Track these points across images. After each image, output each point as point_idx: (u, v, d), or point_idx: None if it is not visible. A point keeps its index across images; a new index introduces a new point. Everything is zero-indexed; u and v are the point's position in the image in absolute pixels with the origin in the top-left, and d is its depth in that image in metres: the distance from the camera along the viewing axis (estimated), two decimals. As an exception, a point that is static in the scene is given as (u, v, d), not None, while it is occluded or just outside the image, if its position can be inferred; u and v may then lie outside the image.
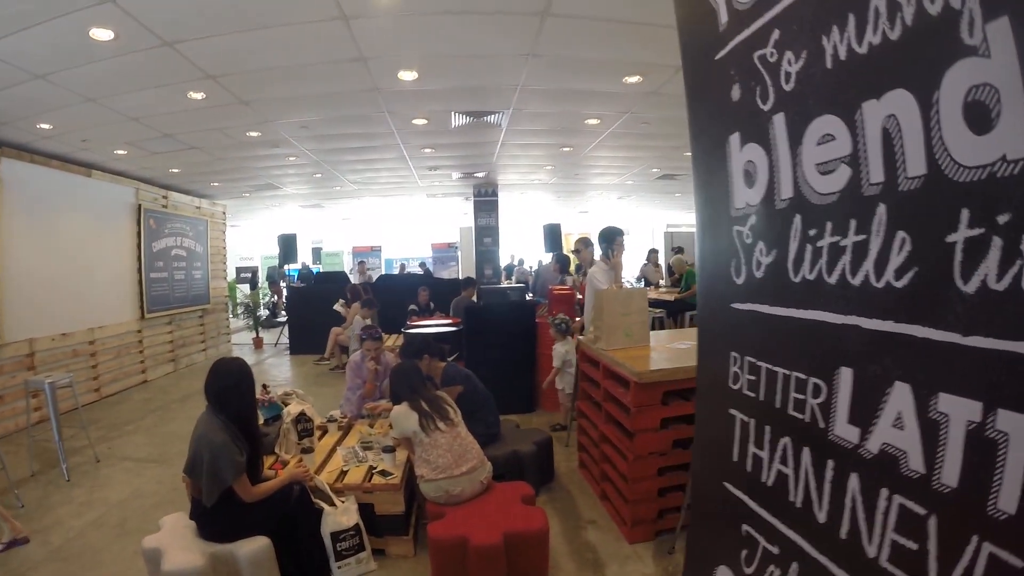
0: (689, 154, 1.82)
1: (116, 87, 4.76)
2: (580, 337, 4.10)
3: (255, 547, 2.59)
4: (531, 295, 7.66)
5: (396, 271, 17.58)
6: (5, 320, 5.78)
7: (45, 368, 6.29)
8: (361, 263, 15.80)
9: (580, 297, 6.05)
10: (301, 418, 3.65)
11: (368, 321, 7.49)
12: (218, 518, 2.61)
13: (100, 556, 3.39)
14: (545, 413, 5.81)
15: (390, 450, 3.38)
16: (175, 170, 8.27)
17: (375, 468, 3.31)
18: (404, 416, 3.06)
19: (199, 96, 5.11)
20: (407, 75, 4.90)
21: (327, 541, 2.81)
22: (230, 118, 5.92)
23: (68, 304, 6.84)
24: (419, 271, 16.47)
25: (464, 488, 2.90)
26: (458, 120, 6.41)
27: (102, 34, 3.69)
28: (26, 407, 5.19)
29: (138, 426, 6.14)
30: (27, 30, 3.58)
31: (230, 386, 2.73)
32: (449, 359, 4.27)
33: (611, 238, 4.72)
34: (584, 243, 5.91)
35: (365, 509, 3.01)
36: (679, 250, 13.02)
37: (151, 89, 4.84)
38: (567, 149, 8.02)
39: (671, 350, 3.59)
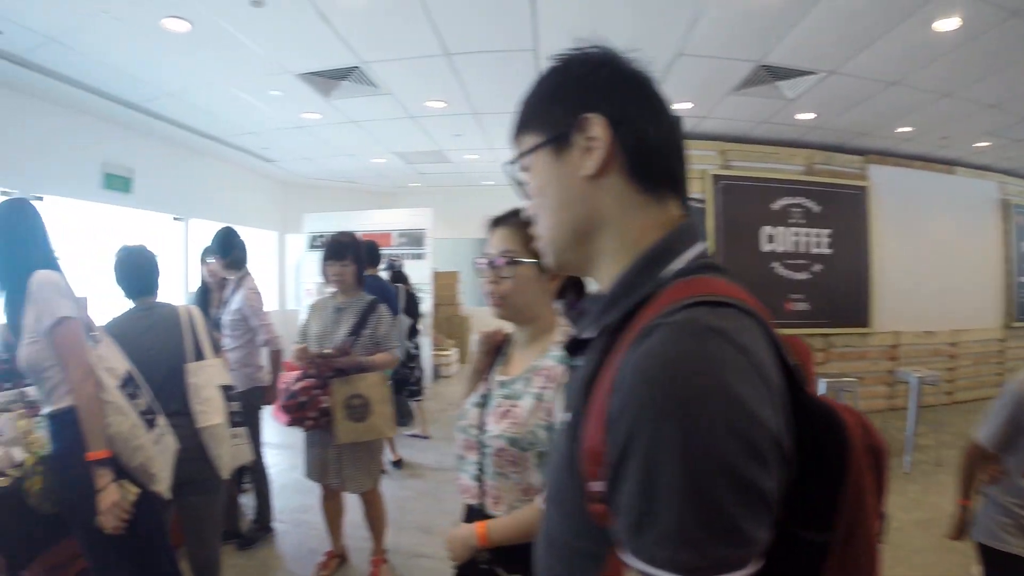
0: None
1: (969, 76, 4.60)
2: None
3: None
4: None
5: None
6: (875, 311, 6.67)
7: (905, 361, 6.76)
8: None
9: None
10: None
11: None
12: None
13: (913, 558, 3.45)
14: None
15: None
16: (1046, 159, 7.24)
17: None
18: None
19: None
20: None
21: None
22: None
23: (932, 303, 7.09)
24: None
25: None
26: None
27: (946, 23, 3.84)
28: (886, 393, 5.91)
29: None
30: (872, 45, 4.01)
31: None
32: None
33: None
34: None
35: None
36: None
37: (1006, 70, 4.55)
38: None
39: None
